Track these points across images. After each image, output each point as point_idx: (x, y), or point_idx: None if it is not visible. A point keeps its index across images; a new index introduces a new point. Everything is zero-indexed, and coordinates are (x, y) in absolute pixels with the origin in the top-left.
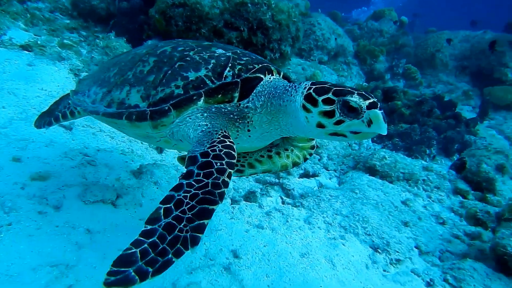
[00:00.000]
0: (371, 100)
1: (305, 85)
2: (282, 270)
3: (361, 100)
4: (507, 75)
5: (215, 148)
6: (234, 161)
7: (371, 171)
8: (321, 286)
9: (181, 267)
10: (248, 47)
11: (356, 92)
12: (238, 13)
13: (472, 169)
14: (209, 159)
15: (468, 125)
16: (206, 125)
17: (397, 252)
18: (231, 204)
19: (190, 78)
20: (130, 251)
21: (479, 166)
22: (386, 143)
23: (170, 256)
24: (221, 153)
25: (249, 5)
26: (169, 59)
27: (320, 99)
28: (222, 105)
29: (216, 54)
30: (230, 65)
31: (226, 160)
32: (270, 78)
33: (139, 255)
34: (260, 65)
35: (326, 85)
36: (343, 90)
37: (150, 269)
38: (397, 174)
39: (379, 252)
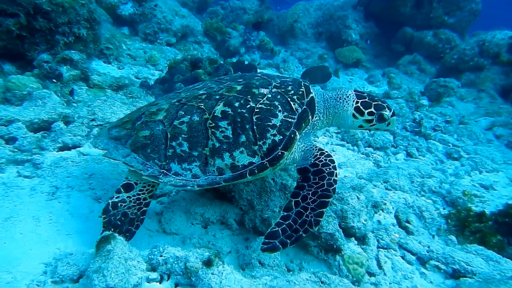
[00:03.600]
0: (392, 111)
1: (353, 98)
2: None
3: (389, 112)
4: (352, 36)
5: (321, 159)
6: (336, 164)
7: None
8: (5, 243)
9: None
10: (34, 33)
11: (385, 105)
12: None
13: None
14: (319, 167)
15: None
16: (303, 145)
17: None
18: None
19: (278, 124)
20: (274, 230)
21: None
22: None
23: (300, 233)
24: (327, 160)
25: None
26: (242, 118)
27: (366, 111)
28: (305, 129)
29: (268, 95)
30: (290, 99)
31: (332, 165)
32: (313, 93)
33: (280, 232)
34: (302, 87)
35: (366, 99)
36: (379, 104)
37: (289, 241)
38: None
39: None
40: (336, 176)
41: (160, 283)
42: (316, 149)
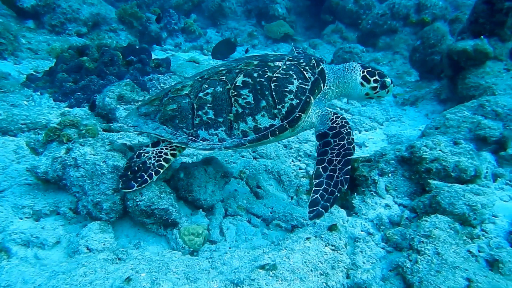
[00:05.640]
0: (391, 79)
1: (360, 69)
2: None
3: (389, 80)
4: (278, 10)
5: (337, 122)
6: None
7: None
8: None
9: None
10: None
11: (385, 74)
12: None
13: (100, 104)
14: (338, 129)
15: (160, 65)
16: (319, 111)
17: None
18: None
19: (295, 89)
20: (314, 197)
21: (104, 100)
22: (70, 98)
23: (336, 193)
24: (343, 122)
25: None
26: (261, 85)
27: (372, 79)
28: (319, 95)
29: (283, 66)
30: (302, 69)
31: (348, 125)
32: (322, 65)
33: (320, 198)
34: (313, 60)
35: (370, 69)
36: (381, 73)
37: (328, 204)
38: (18, 126)
39: None
40: (353, 135)
41: None
42: (331, 113)
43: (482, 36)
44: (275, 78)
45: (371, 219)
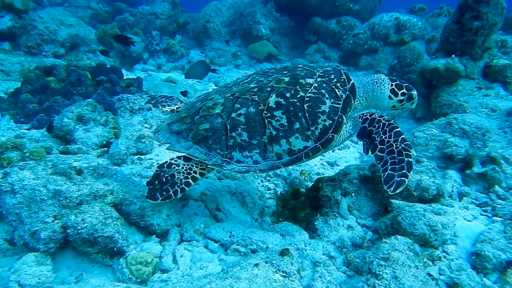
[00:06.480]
0: (417, 92)
1: (388, 82)
2: None
3: (415, 92)
4: (262, 31)
5: (365, 115)
6: None
7: None
8: None
9: None
10: None
11: (412, 86)
12: None
13: (58, 125)
14: (370, 119)
15: (131, 85)
16: (349, 123)
17: None
18: None
19: (327, 110)
20: (385, 174)
21: (62, 121)
22: (32, 120)
23: (406, 159)
24: (370, 112)
25: None
26: (294, 106)
27: (400, 92)
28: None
29: (315, 84)
30: (334, 87)
31: (376, 112)
32: (353, 79)
33: (392, 171)
34: (343, 75)
35: (398, 82)
36: (408, 86)
37: (405, 171)
38: None
39: None
40: (387, 116)
41: None
42: (357, 116)
43: (453, 55)
44: (307, 98)
45: (333, 242)
